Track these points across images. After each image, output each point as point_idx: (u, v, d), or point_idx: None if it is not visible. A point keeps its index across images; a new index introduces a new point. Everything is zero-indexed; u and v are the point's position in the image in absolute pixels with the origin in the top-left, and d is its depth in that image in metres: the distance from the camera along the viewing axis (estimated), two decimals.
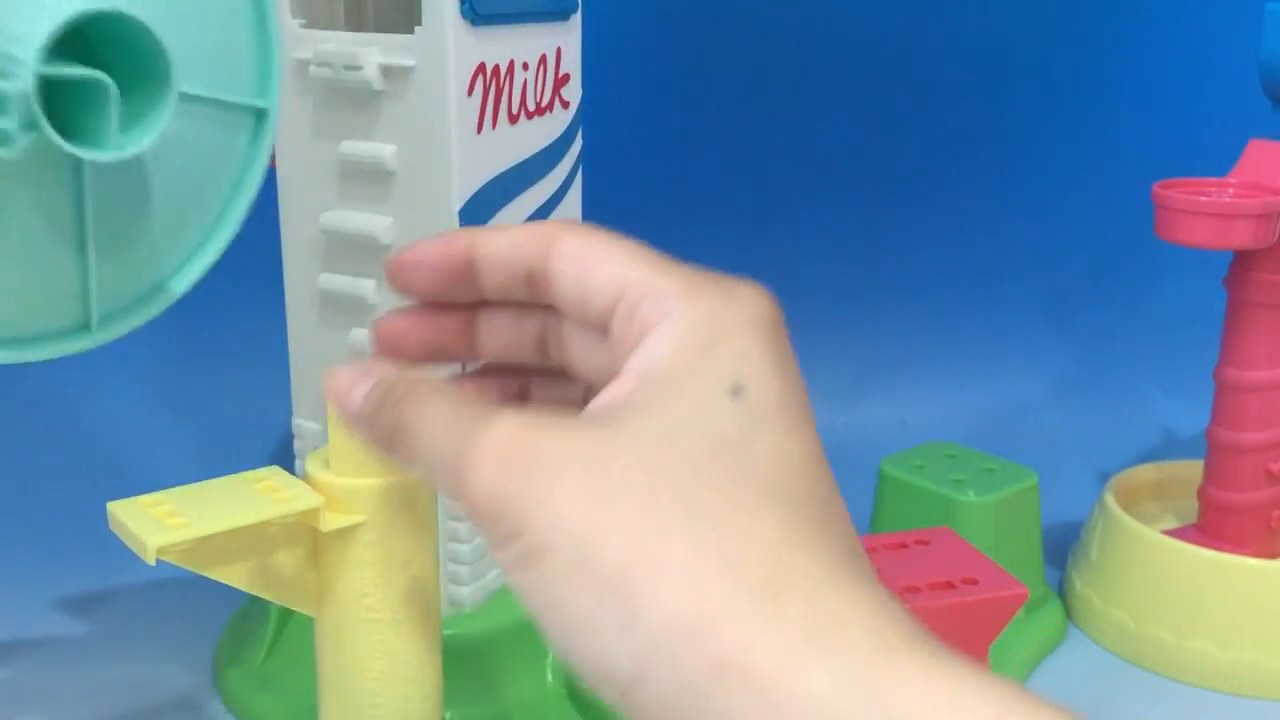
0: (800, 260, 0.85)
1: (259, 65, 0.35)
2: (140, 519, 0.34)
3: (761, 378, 0.26)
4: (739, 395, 0.26)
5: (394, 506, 0.37)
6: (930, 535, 0.45)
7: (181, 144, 0.33)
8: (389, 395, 0.29)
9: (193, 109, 0.33)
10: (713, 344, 0.27)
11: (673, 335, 0.27)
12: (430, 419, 0.27)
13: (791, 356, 0.28)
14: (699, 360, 0.26)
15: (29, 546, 0.67)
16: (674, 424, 0.25)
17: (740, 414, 0.26)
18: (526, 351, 0.32)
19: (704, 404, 0.26)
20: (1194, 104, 0.83)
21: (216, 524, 0.34)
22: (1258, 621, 0.56)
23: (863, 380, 0.86)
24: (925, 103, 0.83)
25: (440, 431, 0.27)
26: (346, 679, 0.38)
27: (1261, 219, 0.54)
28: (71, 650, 0.58)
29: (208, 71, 0.33)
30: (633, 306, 0.28)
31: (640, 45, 0.80)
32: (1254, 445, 0.59)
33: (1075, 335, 0.88)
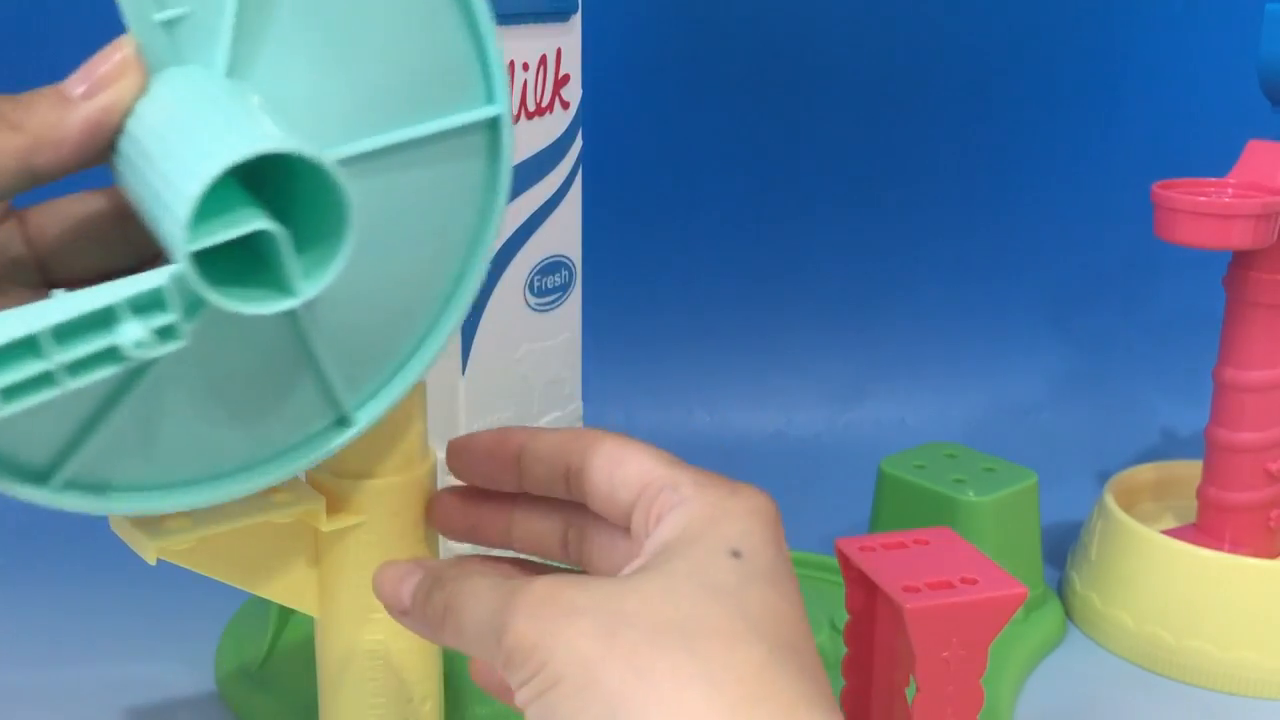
0: (800, 260, 0.85)
1: (476, 64, 0.30)
2: (141, 519, 0.34)
3: (756, 548, 0.31)
4: (737, 556, 0.30)
5: (394, 506, 0.37)
6: (930, 535, 0.45)
7: (404, 201, 0.29)
8: (438, 581, 0.32)
9: (406, 155, 0.29)
10: (717, 522, 0.31)
11: (685, 515, 0.31)
12: (473, 592, 0.31)
13: (784, 542, 0.32)
14: (704, 532, 0.31)
15: (29, 546, 0.67)
16: (679, 576, 0.29)
17: (738, 570, 0.30)
18: (551, 547, 0.37)
19: (706, 562, 0.30)
20: (1193, 104, 0.83)
21: (216, 524, 0.34)
22: (1257, 621, 0.56)
23: (863, 380, 0.87)
24: (925, 103, 0.83)
25: (482, 602, 0.30)
26: (347, 679, 0.38)
27: (1260, 219, 0.54)
28: (71, 650, 0.58)
29: (413, 97, 0.29)
30: (653, 497, 0.32)
31: (640, 45, 0.80)
32: (1253, 445, 0.59)
33: (1075, 335, 0.88)
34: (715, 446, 0.81)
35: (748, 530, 0.31)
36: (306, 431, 0.32)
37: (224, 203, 0.26)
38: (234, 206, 0.26)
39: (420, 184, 0.30)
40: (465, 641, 0.31)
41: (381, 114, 0.29)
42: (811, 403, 0.86)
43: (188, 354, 0.28)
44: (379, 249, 0.30)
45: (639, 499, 0.33)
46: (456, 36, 0.30)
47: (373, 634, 0.38)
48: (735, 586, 0.29)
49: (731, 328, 0.86)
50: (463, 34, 0.29)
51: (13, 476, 0.27)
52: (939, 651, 0.41)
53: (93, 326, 0.25)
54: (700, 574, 0.30)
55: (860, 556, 0.44)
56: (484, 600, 0.30)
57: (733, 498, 0.32)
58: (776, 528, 0.32)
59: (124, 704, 0.54)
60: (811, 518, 0.71)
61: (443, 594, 0.32)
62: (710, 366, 0.86)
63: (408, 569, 0.34)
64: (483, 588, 0.31)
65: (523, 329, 0.51)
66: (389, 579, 0.34)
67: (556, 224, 0.51)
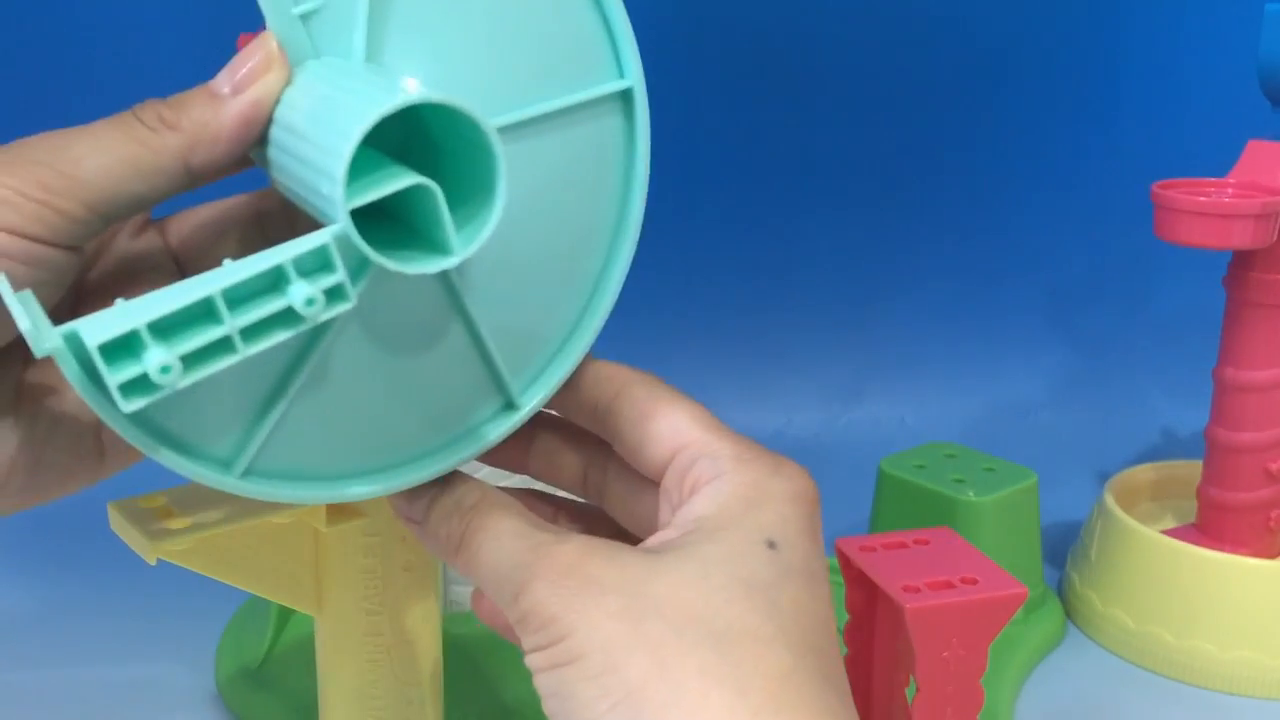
0: (801, 260, 0.85)
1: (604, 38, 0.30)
2: (141, 519, 0.34)
3: (794, 539, 0.30)
4: (774, 548, 0.29)
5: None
6: (930, 535, 0.45)
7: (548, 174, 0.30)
8: (460, 504, 0.31)
9: (544, 129, 0.29)
10: (756, 505, 0.30)
11: (723, 492, 0.30)
12: (495, 534, 0.30)
13: (821, 531, 0.31)
14: (742, 515, 0.30)
15: (28, 547, 0.67)
16: (712, 563, 0.28)
17: (774, 563, 0.29)
18: (570, 481, 0.35)
19: (742, 551, 0.29)
20: (1193, 104, 0.83)
21: (216, 524, 0.34)
22: (1257, 621, 0.56)
23: (863, 380, 0.87)
24: (925, 103, 0.83)
25: (505, 548, 0.29)
26: (347, 679, 0.38)
27: (1260, 219, 0.54)
28: (71, 650, 0.58)
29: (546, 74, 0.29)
30: (689, 463, 0.31)
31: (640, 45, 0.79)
32: (1253, 445, 0.59)
33: (1075, 335, 0.88)
34: None
35: (786, 518, 0.30)
36: (476, 416, 0.32)
37: (374, 169, 0.26)
38: (385, 172, 0.26)
39: (560, 158, 0.30)
40: (478, 579, 0.30)
41: (515, 92, 0.29)
42: (811, 403, 0.86)
43: (356, 329, 0.28)
44: (528, 221, 0.30)
45: (673, 461, 0.31)
46: (584, 14, 0.30)
47: (373, 633, 0.38)
48: (769, 583, 0.29)
49: (731, 328, 0.86)
50: (590, 11, 0.30)
51: (197, 463, 0.28)
52: (939, 651, 0.41)
53: (264, 289, 0.26)
54: (734, 564, 0.28)
55: (860, 556, 0.44)
56: (505, 547, 0.29)
57: (774, 478, 0.31)
58: (815, 515, 0.31)
59: (124, 704, 0.54)
60: None
61: (461, 522, 0.31)
62: (710, 366, 0.86)
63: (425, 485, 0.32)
64: (506, 532, 0.30)
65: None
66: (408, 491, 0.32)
67: None
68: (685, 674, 0.26)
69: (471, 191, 0.27)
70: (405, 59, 0.28)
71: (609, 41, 0.31)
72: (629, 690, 0.26)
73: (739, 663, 0.27)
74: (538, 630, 0.28)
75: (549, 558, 0.28)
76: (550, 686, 0.28)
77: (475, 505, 0.31)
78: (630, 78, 0.31)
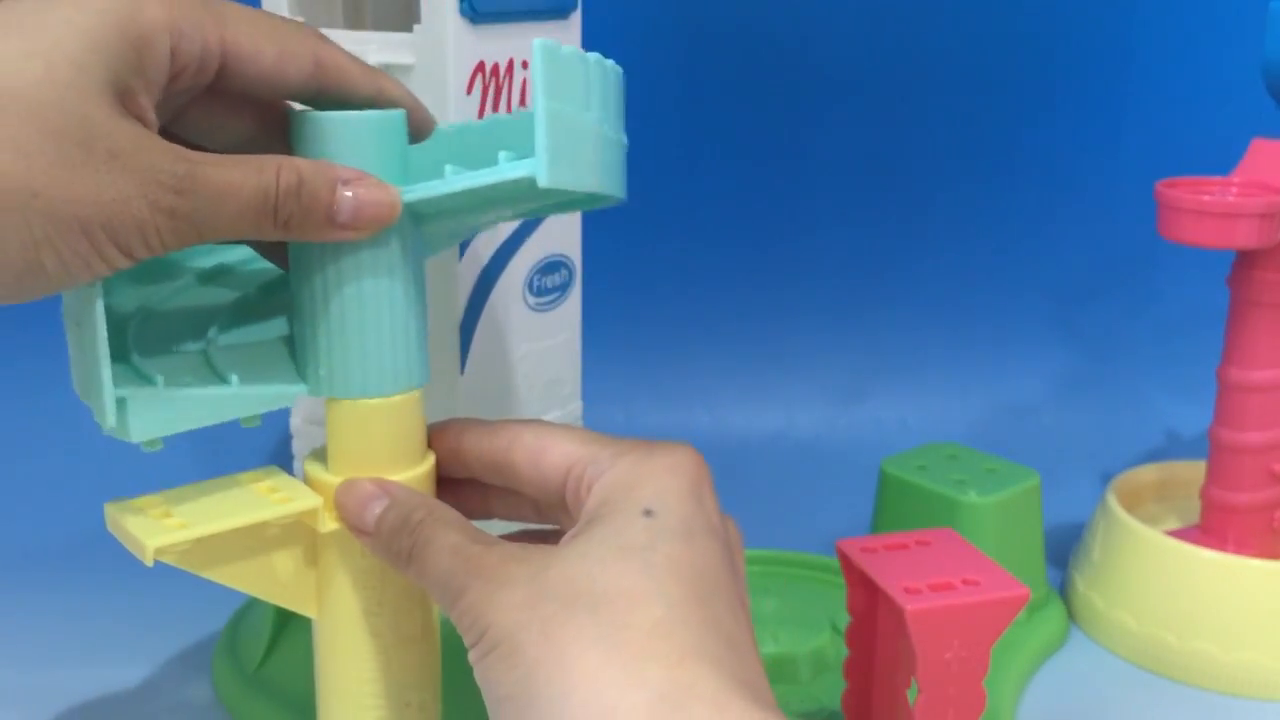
0: (802, 261, 0.85)
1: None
2: (138, 520, 0.34)
3: (671, 504, 0.33)
4: (649, 515, 0.32)
5: None
6: (932, 536, 0.45)
7: None
8: (407, 521, 0.34)
9: None
10: (635, 484, 0.33)
11: (605, 484, 0.34)
12: (438, 549, 0.33)
13: (707, 497, 0.34)
14: (622, 497, 0.33)
15: (28, 547, 0.67)
16: (595, 540, 0.32)
17: (649, 528, 0.32)
18: (528, 515, 0.39)
19: (620, 524, 0.32)
20: (1197, 103, 0.83)
21: (215, 525, 0.34)
22: (1260, 623, 0.56)
23: (864, 381, 0.86)
24: (926, 103, 0.83)
25: (445, 563, 0.33)
26: (345, 681, 0.38)
27: (1264, 218, 0.53)
28: (69, 652, 0.58)
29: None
30: (579, 476, 0.35)
31: (640, 45, 0.79)
32: (1257, 445, 0.58)
33: (1077, 335, 0.88)
34: (715, 446, 0.80)
35: (664, 489, 0.33)
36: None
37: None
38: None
39: None
40: (426, 586, 0.34)
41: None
42: (812, 403, 0.86)
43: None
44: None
45: (566, 481, 0.35)
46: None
47: (371, 635, 0.38)
48: (643, 545, 0.32)
49: (732, 328, 0.86)
50: None
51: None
52: (941, 653, 0.41)
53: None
54: (613, 536, 0.32)
55: (862, 557, 0.43)
56: (445, 562, 0.33)
57: (649, 460, 0.34)
58: (696, 482, 0.34)
59: (122, 706, 0.54)
60: (812, 518, 0.71)
61: (410, 539, 0.34)
62: (710, 366, 0.86)
63: (372, 493, 0.35)
64: (446, 548, 0.33)
65: (522, 329, 0.50)
66: (354, 498, 0.36)
67: (556, 223, 0.51)
68: (565, 640, 0.30)
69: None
70: None
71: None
72: (526, 663, 0.30)
73: (611, 621, 0.30)
74: (468, 630, 0.32)
75: (477, 568, 0.32)
76: (479, 676, 0.31)
77: (422, 521, 0.34)
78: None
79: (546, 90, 0.31)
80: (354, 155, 0.34)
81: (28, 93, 0.29)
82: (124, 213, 0.30)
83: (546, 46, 0.31)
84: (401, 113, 0.35)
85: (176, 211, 0.30)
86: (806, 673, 0.54)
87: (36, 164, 0.28)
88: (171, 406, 0.34)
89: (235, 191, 0.31)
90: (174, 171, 0.30)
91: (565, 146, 0.32)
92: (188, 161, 0.31)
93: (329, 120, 0.34)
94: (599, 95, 0.34)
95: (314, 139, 0.34)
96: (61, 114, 0.29)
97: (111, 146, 0.29)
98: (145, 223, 0.30)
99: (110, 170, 0.29)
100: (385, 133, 0.35)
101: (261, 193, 0.32)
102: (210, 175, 0.31)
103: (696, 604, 0.31)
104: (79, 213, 0.29)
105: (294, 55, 0.34)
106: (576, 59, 0.33)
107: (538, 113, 0.31)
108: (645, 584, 0.31)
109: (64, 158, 0.29)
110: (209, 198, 0.31)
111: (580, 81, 0.33)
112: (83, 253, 0.30)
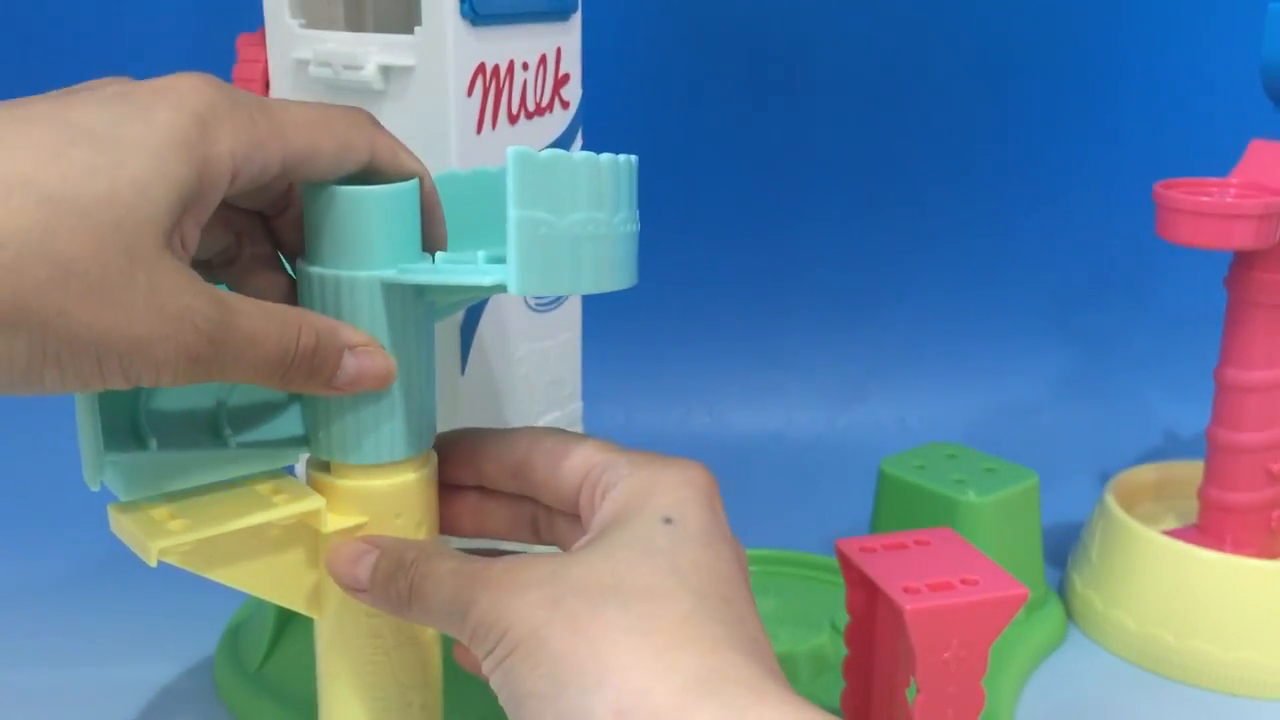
0: (801, 261, 0.85)
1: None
2: (141, 520, 0.34)
3: (689, 514, 0.34)
4: (670, 522, 0.33)
5: (394, 508, 0.37)
6: (930, 536, 0.45)
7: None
8: (400, 563, 0.35)
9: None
10: (653, 494, 0.34)
11: (624, 491, 0.34)
12: (438, 578, 0.33)
13: (720, 510, 0.35)
14: (641, 504, 0.34)
15: (29, 547, 0.67)
16: (617, 544, 0.33)
17: (670, 534, 0.33)
18: (524, 533, 0.39)
19: (641, 530, 0.33)
20: (1195, 104, 0.83)
21: (218, 526, 0.34)
22: (1258, 622, 0.56)
23: (864, 380, 0.86)
24: (925, 103, 0.83)
25: (446, 585, 0.33)
26: (347, 681, 0.38)
27: (1262, 219, 0.53)
28: (71, 651, 0.58)
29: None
30: (596, 479, 0.36)
31: (640, 45, 0.79)
32: (1254, 445, 0.59)
33: (1076, 335, 0.88)
34: (715, 446, 0.80)
35: (681, 499, 0.34)
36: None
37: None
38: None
39: None
40: (431, 620, 0.34)
41: None
42: (811, 403, 0.86)
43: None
44: None
45: (583, 484, 0.36)
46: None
47: (372, 636, 0.38)
48: (666, 549, 0.32)
49: (731, 328, 0.86)
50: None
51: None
52: (940, 652, 0.41)
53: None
54: (636, 541, 0.32)
55: (861, 557, 0.44)
56: (447, 584, 0.33)
57: (667, 470, 0.35)
58: (710, 496, 0.35)
59: (123, 705, 0.54)
60: (811, 518, 0.71)
61: (406, 579, 0.34)
62: (710, 366, 0.86)
63: (361, 549, 0.36)
64: (445, 572, 0.33)
65: (523, 329, 0.50)
66: (343, 559, 0.36)
67: None
68: (596, 631, 0.30)
69: None
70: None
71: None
72: (553, 657, 0.30)
73: (643, 613, 0.30)
74: (484, 639, 0.32)
75: (483, 581, 0.32)
76: (499, 681, 0.31)
77: (414, 559, 0.34)
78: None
79: (519, 199, 0.31)
80: (377, 224, 0.35)
81: (86, 208, 0.28)
82: (147, 350, 0.29)
83: (520, 154, 0.31)
84: (414, 183, 0.36)
85: (199, 359, 0.30)
86: (806, 672, 0.54)
87: (74, 285, 0.27)
88: (164, 469, 0.34)
89: (260, 344, 0.31)
90: (210, 318, 0.30)
91: (538, 256, 0.32)
92: (223, 309, 0.30)
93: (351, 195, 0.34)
94: (588, 194, 0.33)
95: (336, 211, 0.35)
96: (114, 238, 0.28)
97: (153, 281, 0.29)
98: (164, 364, 0.29)
99: (147, 307, 0.29)
100: (404, 204, 0.35)
101: (281, 350, 0.32)
102: (241, 326, 0.31)
103: (722, 602, 0.32)
104: (99, 340, 0.28)
105: (352, 148, 0.34)
106: (559, 162, 0.32)
107: (509, 223, 0.31)
108: (672, 581, 0.31)
109: (103, 283, 0.28)
110: (234, 347, 0.31)
111: (563, 184, 0.32)
112: (85, 374, 0.29)
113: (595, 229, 0.34)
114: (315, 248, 0.35)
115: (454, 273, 0.34)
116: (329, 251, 0.35)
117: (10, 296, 0.27)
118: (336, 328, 0.34)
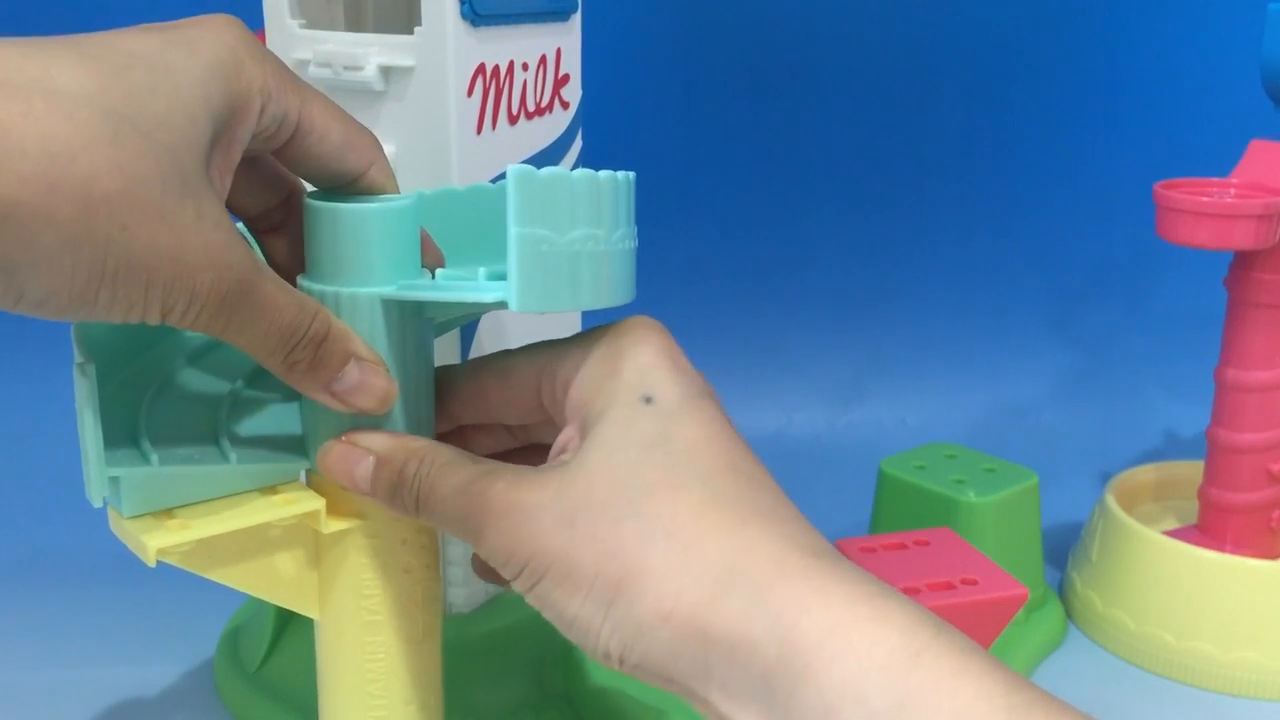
0: (801, 261, 0.85)
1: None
2: (140, 521, 0.34)
3: (661, 382, 0.33)
4: (650, 401, 0.33)
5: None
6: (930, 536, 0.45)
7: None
8: (403, 475, 0.35)
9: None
10: (619, 373, 0.34)
11: (586, 377, 0.34)
12: (442, 497, 0.34)
13: (682, 362, 0.35)
14: (612, 388, 0.33)
15: (29, 547, 0.67)
16: (609, 447, 0.32)
17: (655, 415, 0.33)
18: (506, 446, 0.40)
19: (626, 420, 0.33)
20: (1195, 104, 0.83)
21: (217, 526, 0.34)
22: (1258, 622, 0.56)
23: (863, 381, 0.86)
24: (926, 103, 0.83)
25: (453, 506, 0.33)
26: (347, 682, 0.38)
27: (1262, 219, 0.53)
28: (71, 652, 0.58)
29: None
30: (552, 375, 0.35)
31: (640, 45, 0.79)
32: (1254, 445, 0.59)
33: (1076, 336, 0.88)
34: None
35: (644, 367, 0.34)
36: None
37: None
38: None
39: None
40: (440, 529, 0.35)
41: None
42: (811, 403, 0.86)
43: None
44: None
45: (540, 387, 0.36)
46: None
47: (373, 636, 0.38)
48: (659, 435, 0.32)
49: (731, 328, 0.86)
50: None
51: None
52: None
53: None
54: (626, 436, 0.32)
55: (860, 557, 0.44)
56: (452, 505, 0.33)
57: (618, 340, 0.34)
58: (671, 352, 0.34)
59: (123, 705, 0.54)
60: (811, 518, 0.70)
61: (411, 495, 0.34)
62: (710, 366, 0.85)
63: (355, 455, 0.35)
64: (448, 492, 0.34)
65: (521, 330, 0.50)
66: (338, 460, 0.35)
67: None
68: (622, 546, 0.31)
69: None
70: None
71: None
72: (588, 580, 0.31)
73: (659, 515, 0.31)
74: (504, 565, 0.32)
75: (486, 505, 0.32)
76: (537, 601, 0.32)
77: (416, 473, 0.34)
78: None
79: (519, 217, 0.31)
80: (378, 241, 0.35)
81: (148, 128, 0.28)
82: (190, 279, 0.29)
83: (520, 173, 0.31)
84: (415, 201, 0.36)
85: (226, 301, 0.30)
86: None
87: (139, 201, 0.28)
88: (166, 484, 0.34)
89: (276, 312, 0.32)
90: (245, 261, 0.30)
91: (538, 273, 0.32)
92: (255, 262, 0.31)
93: (353, 212, 0.35)
94: (588, 211, 0.33)
95: (337, 228, 0.35)
96: (171, 160, 0.28)
97: (200, 209, 0.29)
98: (197, 297, 0.30)
99: (197, 233, 0.29)
100: (405, 221, 0.36)
101: (294, 325, 0.32)
102: (266, 287, 0.31)
103: (730, 474, 0.32)
104: (153, 262, 0.28)
105: (356, 146, 0.35)
106: (559, 180, 0.32)
107: (510, 240, 0.31)
108: (677, 474, 0.31)
109: (163, 203, 0.28)
110: (255, 303, 0.31)
111: (563, 202, 0.33)
112: (132, 299, 0.29)
113: (594, 245, 0.34)
114: (315, 264, 0.35)
115: (455, 289, 0.34)
116: (329, 268, 0.35)
117: (81, 211, 0.27)
118: (350, 334, 0.34)
